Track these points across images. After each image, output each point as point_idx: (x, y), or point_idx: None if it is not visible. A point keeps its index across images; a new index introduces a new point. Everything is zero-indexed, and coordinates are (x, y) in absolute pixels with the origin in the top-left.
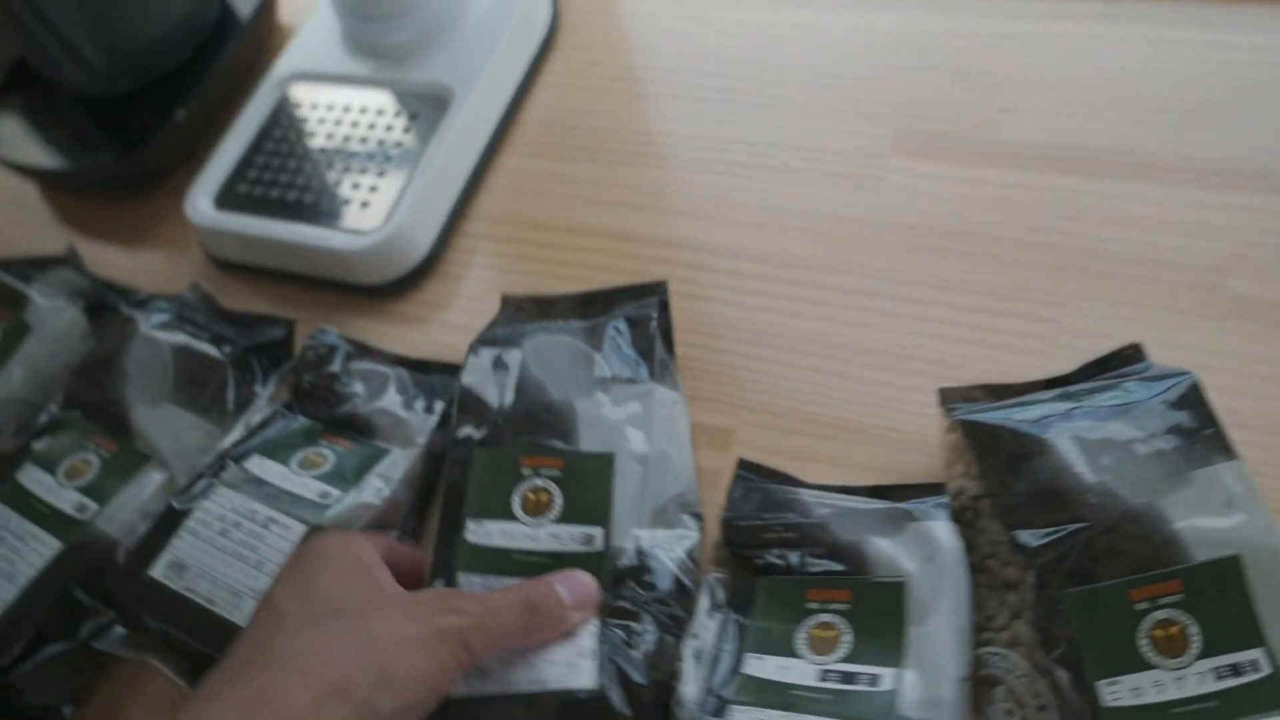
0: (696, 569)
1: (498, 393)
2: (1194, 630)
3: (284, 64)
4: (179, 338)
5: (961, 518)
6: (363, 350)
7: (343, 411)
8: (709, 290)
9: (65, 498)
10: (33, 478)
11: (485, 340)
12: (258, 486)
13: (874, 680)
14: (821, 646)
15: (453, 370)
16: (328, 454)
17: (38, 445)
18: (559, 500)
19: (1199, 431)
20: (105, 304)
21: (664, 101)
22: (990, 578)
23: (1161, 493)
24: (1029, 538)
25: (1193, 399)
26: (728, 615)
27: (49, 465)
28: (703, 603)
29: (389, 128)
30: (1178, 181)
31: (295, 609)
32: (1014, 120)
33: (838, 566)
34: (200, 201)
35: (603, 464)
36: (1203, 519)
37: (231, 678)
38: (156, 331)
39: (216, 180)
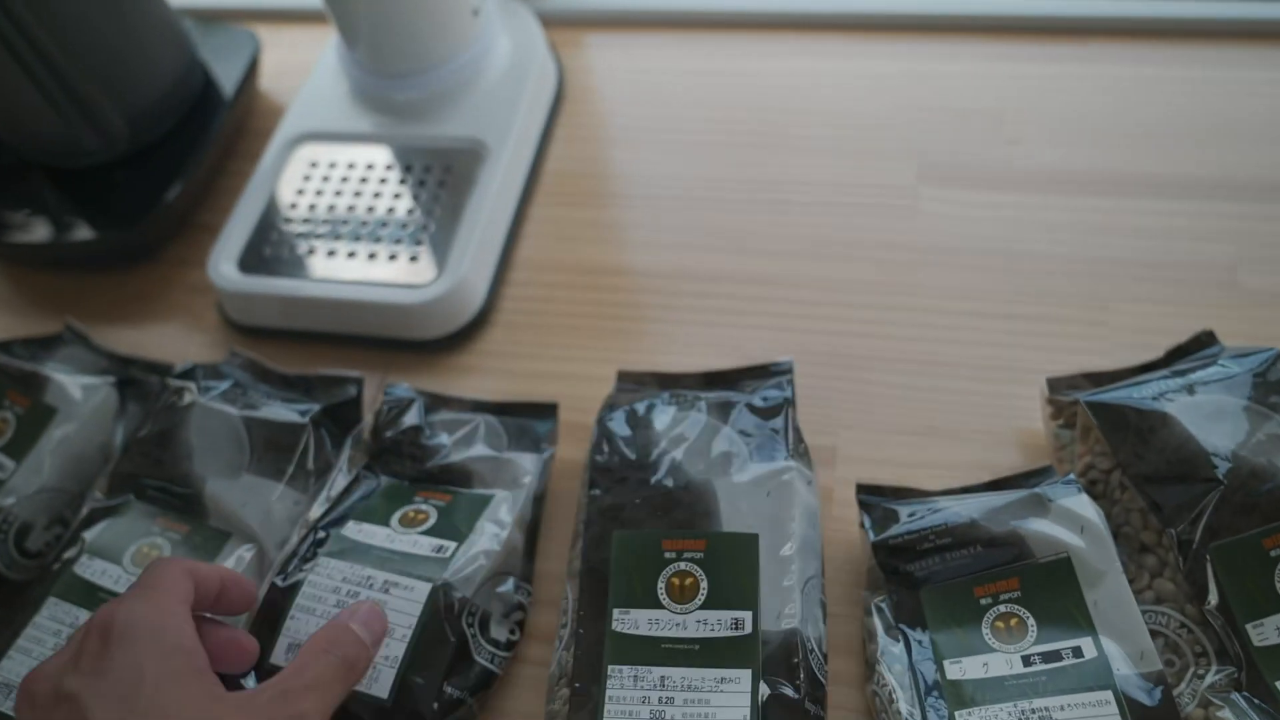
0: (824, 660)
1: (634, 468)
2: None
3: (290, 126)
4: (247, 407)
5: (1092, 491)
6: (439, 401)
7: (434, 465)
8: (779, 320)
9: None
10: (95, 569)
11: (613, 410)
12: (364, 552)
13: (1077, 651)
14: (1009, 635)
15: (538, 411)
16: (427, 509)
17: (90, 535)
18: (704, 584)
19: None
20: (133, 379)
21: (686, 148)
22: (1127, 542)
23: (1277, 450)
24: (1168, 500)
25: None
26: (905, 632)
27: (112, 555)
28: (878, 627)
29: (421, 182)
30: (1183, 195)
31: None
32: (1022, 150)
33: (998, 559)
34: (224, 267)
35: (747, 545)
36: None
37: None
38: (219, 402)
39: (237, 245)
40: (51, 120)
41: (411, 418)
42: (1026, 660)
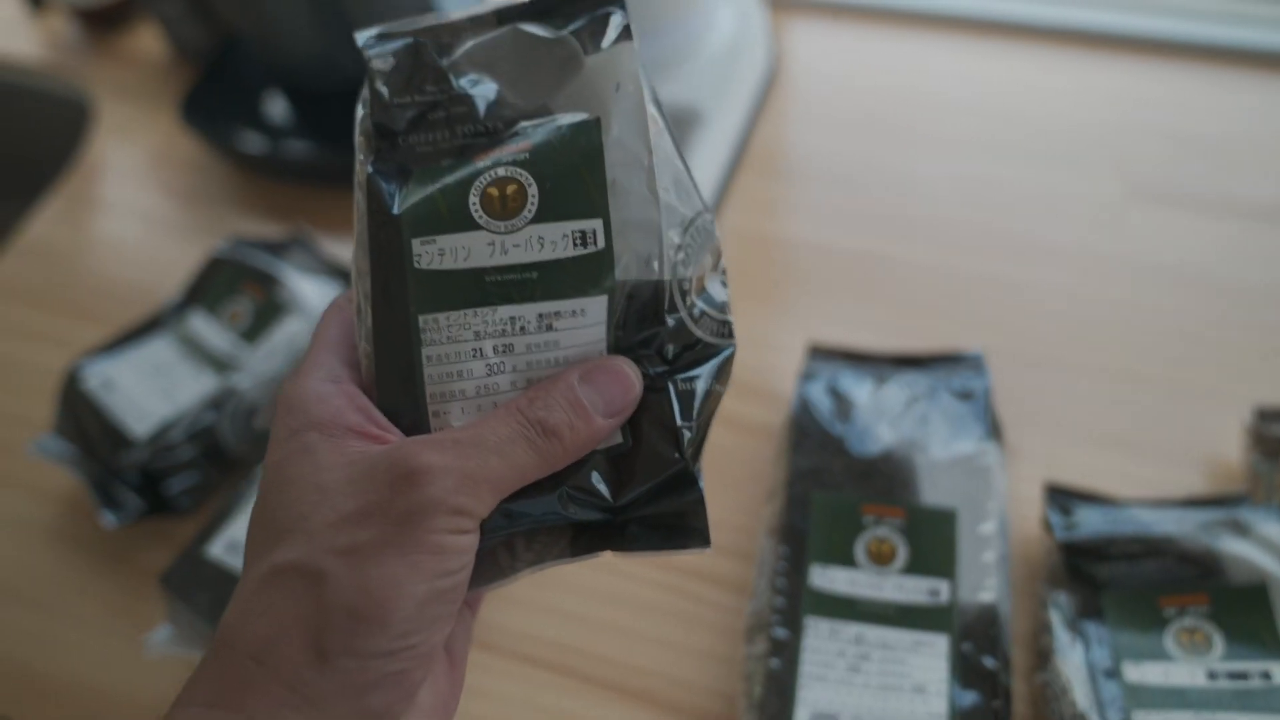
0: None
1: (834, 436)
2: None
3: None
4: None
5: None
6: None
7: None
8: (970, 314)
9: None
10: None
11: (813, 379)
12: None
13: (1266, 675)
14: (1193, 648)
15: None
16: (519, 176)
17: None
18: (903, 551)
19: None
20: None
21: (891, 139)
22: None
23: None
24: None
25: None
26: (1085, 629)
27: None
28: (1055, 621)
29: None
30: None
31: (252, 544)
32: (1240, 178)
33: (1188, 573)
34: None
35: (946, 519)
36: None
37: (208, 661)
38: None
39: None
40: (315, 40)
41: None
42: (1211, 675)
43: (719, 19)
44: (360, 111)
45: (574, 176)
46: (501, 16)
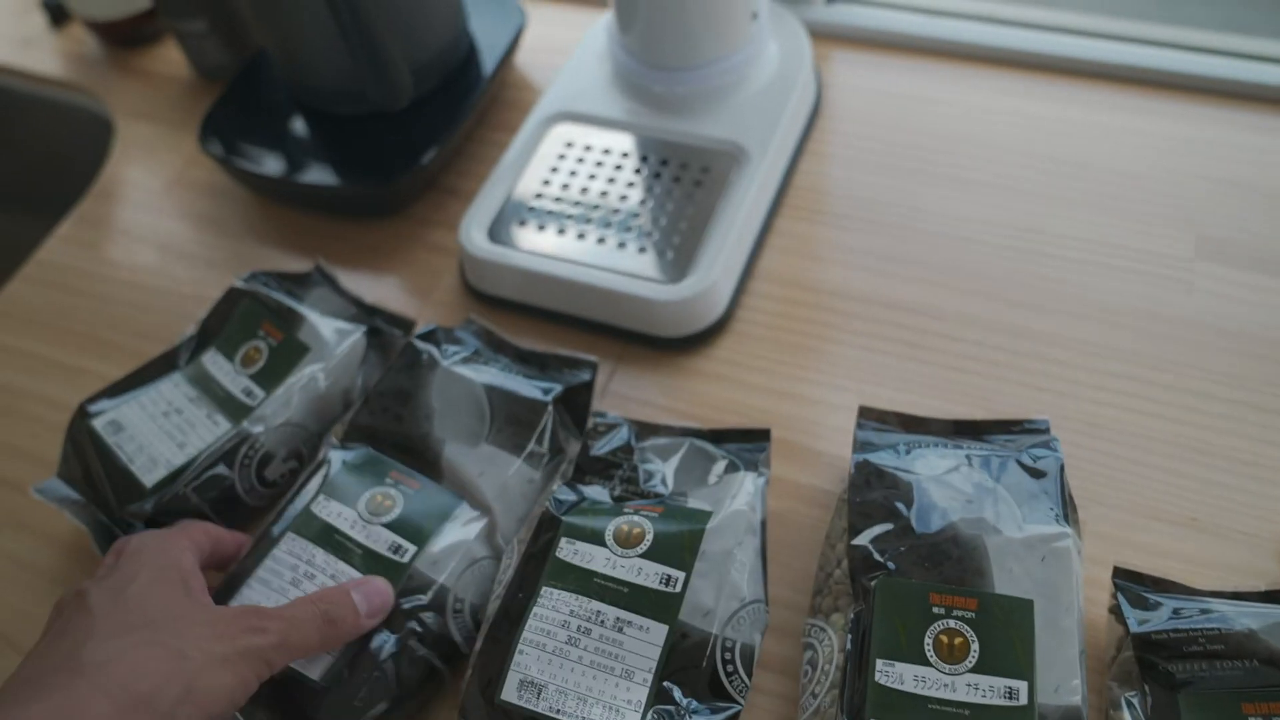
0: None
1: (896, 514)
2: None
3: (549, 103)
4: (488, 375)
5: None
6: (648, 429)
7: (649, 488)
8: (1031, 376)
9: (377, 536)
10: (331, 510)
11: (870, 450)
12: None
13: None
14: None
15: (750, 437)
16: (644, 524)
17: (328, 477)
18: (975, 646)
19: None
20: (376, 330)
21: (940, 181)
22: None
23: None
24: None
25: None
26: None
27: (348, 499)
28: None
29: (676, 179)
30: None
31: (108, 616)
32: None
33: (1274, 678)
34: (475, 234)
35: (1022, 611)
36: None
37: (37, 685)
38: (461, 368)
39: (489, 214)
40: (343, 67)
41: (624, 440)
42: None
43: (765, 52)
44: (575, 447)
45: (678, 539)
46: (685, 432)
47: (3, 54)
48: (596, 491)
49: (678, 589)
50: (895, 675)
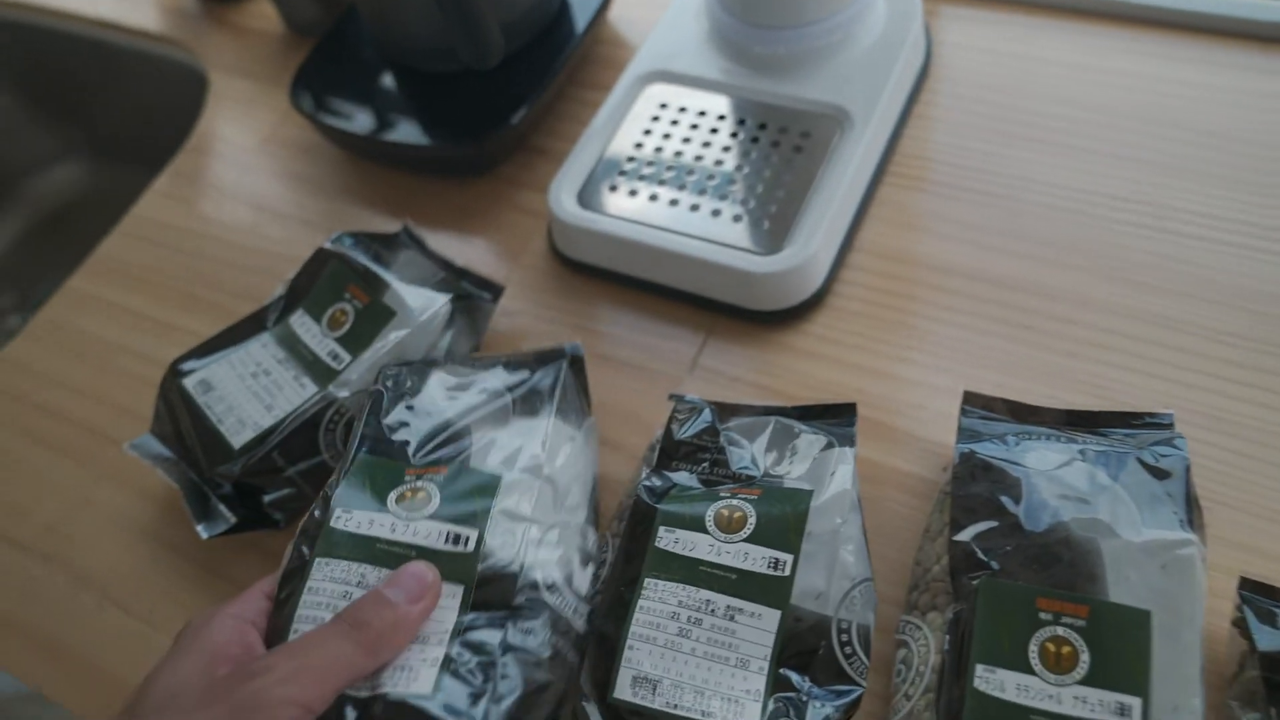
0: None
1: (1003, 511)
2: None
3: (642, 62)
4: None
5: None
6: (728, 410)
7: (740, 470)
8: (1149, 363)
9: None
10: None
11: (977, 440)
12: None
13: None
14: None
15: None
16: (744, 508)
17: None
18: (1085, 656)
19: None
20: (463, 294)
21: (1056, 150)
22: None
23: None
24: None
25: None
26: None
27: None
28: None
29: (775, 144)
30: None
31: (129, 710)
32: None
33: None
34: (564, 199)
35: (1138, 622)
36: None
37: None
38: None
39: (579, 178)
40: (433, 24)
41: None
42: None
43: (873, 10)
44: (658, 434)
45: (782, 521)
46: (769, 410)
47: (103, 8)
48: (684, 477)
49: (787, 572)
50: (996, 682)
